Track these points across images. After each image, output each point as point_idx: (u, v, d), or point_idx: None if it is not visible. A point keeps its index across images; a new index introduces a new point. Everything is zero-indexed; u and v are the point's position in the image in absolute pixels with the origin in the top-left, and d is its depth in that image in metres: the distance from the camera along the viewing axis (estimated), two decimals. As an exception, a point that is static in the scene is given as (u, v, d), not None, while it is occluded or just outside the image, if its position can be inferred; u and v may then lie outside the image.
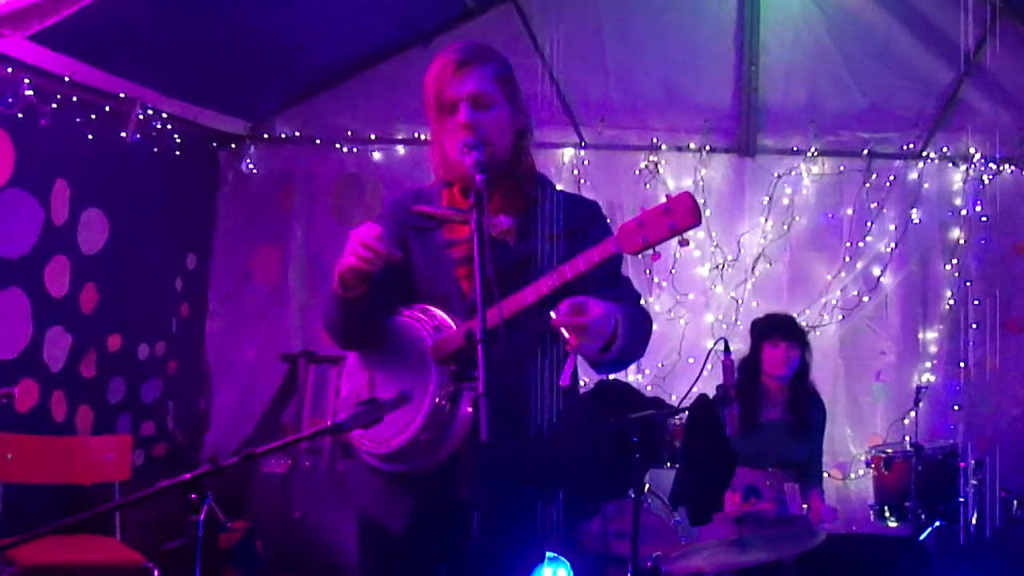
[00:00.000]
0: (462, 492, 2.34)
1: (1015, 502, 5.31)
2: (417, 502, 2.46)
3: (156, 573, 4.41)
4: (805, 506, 4.51)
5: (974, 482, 5.22)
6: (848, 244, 6.11)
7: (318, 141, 6.34)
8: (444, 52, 2.50)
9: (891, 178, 6.10)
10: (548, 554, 4.91)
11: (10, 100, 4.47)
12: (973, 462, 5.38)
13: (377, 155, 6.31)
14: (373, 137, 6.27)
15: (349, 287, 2.39)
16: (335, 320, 2.51)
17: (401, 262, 2.48)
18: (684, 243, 2.26)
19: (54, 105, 4.74)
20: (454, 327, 2.39)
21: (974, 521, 5.09)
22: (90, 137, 5.06)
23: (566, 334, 2.22)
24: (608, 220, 2.66)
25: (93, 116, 5.05)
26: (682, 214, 2.15)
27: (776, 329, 4.79)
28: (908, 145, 6.10)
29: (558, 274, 2.26)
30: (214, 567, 5.39)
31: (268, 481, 5.56)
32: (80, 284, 5.16)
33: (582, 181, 6.18)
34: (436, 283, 2.50)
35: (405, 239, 2.55)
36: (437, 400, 2.33)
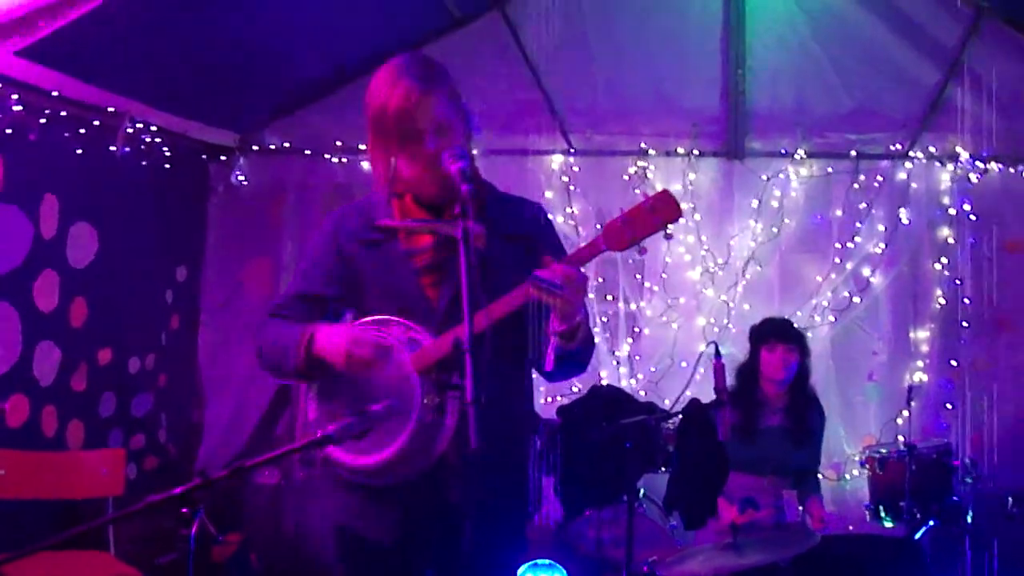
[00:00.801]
0: (451, 497, 2.36)
1: (1010, 499, 5.32)
2: (405, 511, 2.46)
3: (151, 587, 4.39)
4: (800, 508, 4.51)
5: (968, 480, 5.23)
6: (838, 245, 6.13)
7: (308, 152, 6.33)
8: (394, 71, 2.47)
9: (879, 179, 6.12)
10: (543, 561, 4.91)
11: (-1, 116, 4.47)
12: (967, 460, 5.40)
13: (366, 165, 6.30)
14: (362, 147, 6.26)
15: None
16: (290, 368, 2.53)
17: (347, 279, 2.55)
18: (669, 237, 2.34)
19: (43, 120, 4.73)
20: (428, 337, 2.39)
21: (969, 520, 5.10)
22: (79, 151, 5.05)
23: (545, 296, 2.25)
24: (598, 226, 2.69)
25: (82, 130, 5.04)
26: (665, 209, 2.28)
27: (773, 333, 4.79)
28: (895, 145, 6.12)
29: (561, 266, 2.29)
30: (209, 580, 5.39)
31: (261, 493, 5.54)
32: (70, 298, 5.14)
33: (571, 187, 6.19)
34: (398, 295, 2.50)
35: (351, 256, 2.56)
36: (424, 411, 2.33)
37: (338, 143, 6.28)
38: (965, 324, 5.96)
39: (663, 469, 5.17)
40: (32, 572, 4.12)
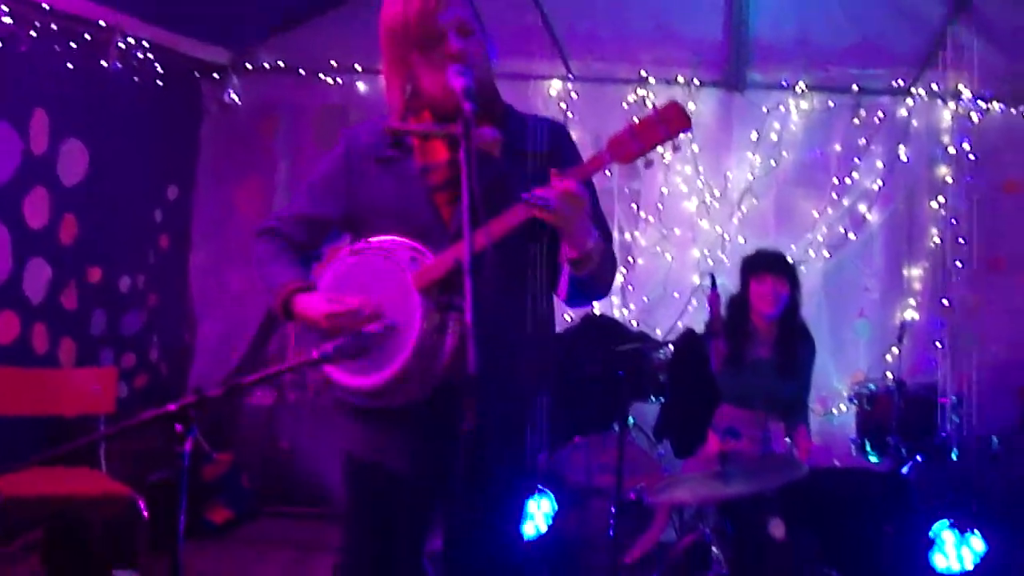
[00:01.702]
0: (458, 423, 2.33)
1: (994, 439, 5.37)
2: (415, 438, 2.43)
3: (141, 505, 4.41)
4: (788, 440, 4.54)
5: (955, 418, 5.27)
6: (835, 180, 6.10)
7: (302, 71, 6.25)
8: None
9: (880, 115, 6.07)
10: (532, 486, 4.95)
11: (-12, 28, 4.39)
12: (954, 398, 5.44)
13: (362, 86, 6.23)
14: (358, 68, 6.18)
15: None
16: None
17: (356, 200, 2.50)
18: (677, 148, 2.31)
19: (33, 33, 4.64)
20: (430, 256, 2.36)
21: (954, 457, 5.14)
22: (70, 66, 4.97)
23: (539, 213, 2.20)
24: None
25: (73, 44, 4.95)
26: (674, 119, 2.22)
27: (764, 265, 4.75)
28: (898, 82, 6.06)
29: (557, 180, 2.23)
30: (200, 499, 5.43)
31: (254, 413, 5.57)
32: (60, 215, 5.10)
33: (569, 114, 6.13)
34: (409, 215, 2.43)
35: (363, 174, 2.50)
36: (424, 332, 2.31)
37: (333, 63, 6.20)
38: (959, 263, 5.95)
39: (653, 399, 5.20)
40: (24, 487, 4.15)
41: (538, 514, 4.81)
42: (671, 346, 5.00)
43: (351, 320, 2.34)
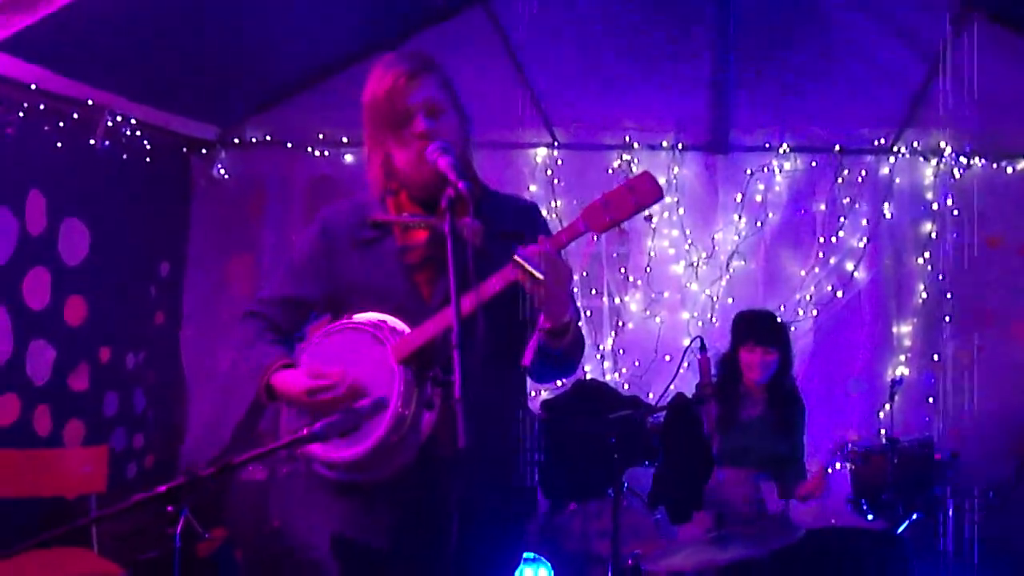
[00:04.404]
0: (442, 496, 2.33)
1: (991, 493, 5.35)
2: (398, 512, 2.43)
3: (134, 584, 4.37)
4: (784, 501, 4.52)
5: (950, 474, 5.26)
6: (821, 240, 6.15)
7: (289, 145, 6.30)
8: (387, 63, 2.49)
9: (863, 173, 6.13)
10: (528, 555, 4.91)
11: (-24, 111, 4.43)
12: (949, 454, 5.43)
13: (349, 158, 6.28)
14: (345, 140, 6.24)
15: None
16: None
17: (335, 281, 2.54)
18: (648, 218, 2.35)
19: (21, 114, 4.69)
20: (409, 331, 2.38)
21: (951, 513, 5.12)
22: (59, 145, 5.01)
23: (532, 273, 2.23)
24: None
25: (61, 124, 5.00)
26: (645, 191, 2.26)
27: (752, 334, 4.77)
28: (879, 140, 6.14)
29: (546, 245, 2.27)
30: (193, 576, 5.36)
31: (246, 489, 5.52)
32: (64, 296, 5.12)
33: (556, 181, 6.18)
34: (389, 294, 2.47)
35: (342, 256, 2.54)
36: (402, 403, 2.31)
37: (320, 136, 6.26)
38: (947, 318, 5.98)
39: (647, 463, 5.18)
40: (15, 570, 4.10)
41: (535, 583, 4.77)
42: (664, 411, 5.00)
43: (331, 394, 2.35)
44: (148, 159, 5.74)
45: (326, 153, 6.28)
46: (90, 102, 5.10)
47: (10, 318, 4.75)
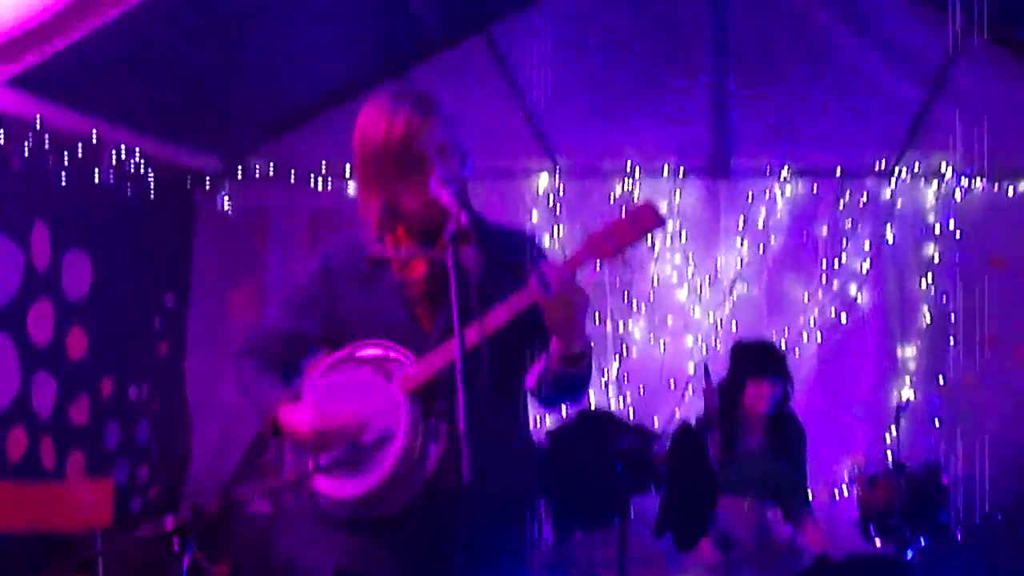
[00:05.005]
0: (447, 531, 2.32)
1: (999, 516, 5.32)
2: (404, 547, 2.43)
3: (140, 618, 4.35)
4: (790, 528, 4.51)
5: (957, 498, 5.23)
6: (824, 264, 6.14)
7: (292, 177, 6.31)
8: (388, 104, 2.45)
9: (864, 197, 6.13)
10: (535, 585, 4.88)
11: (-20, 145, 4.46)
12: (956, 477, 5.40)
13: (352, 189, 6.30)
14: (348, 171, 6.26)
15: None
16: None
17: (334, 317, 2.54)
18: (651, 244, 2.36)
19: (26, 149, 4.71)
20: (414, 361, 2.38)
21: (959, 537, 5.10)
22: (64, 179, 5.03)
23: (542, 294, 2.24)
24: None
25: (66, 158, 5.02)
26: (647, 218, 2.29)
27: (760, 368, 4.78)
28: (880, 163, 6.14)
29: (529, 291, 2.28)
30: (199, 610, 5.34)
31: (251, 523, 5.50)
32: (66, 329, 5.13)
33: (558, 209, 6.20)
34: (389, 328, 2.47)
35: (341, 292, 2.54)
36: (410, 437, 2.31)
37: (323, 167, 6.27)
38: (952, 340, 5.97)
39: (653, 491, 5.16)
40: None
41: (542, 612, 4.75)
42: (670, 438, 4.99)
43: (340, 437, 2.35)
44: (152, 192, 5.76)
45: (329, 185, 6.29)
46: (95, 136, 5.12)
47: (17, 352, 4.76)
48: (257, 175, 6.34)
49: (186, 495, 6.13)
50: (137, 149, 5.51)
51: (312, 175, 6.29)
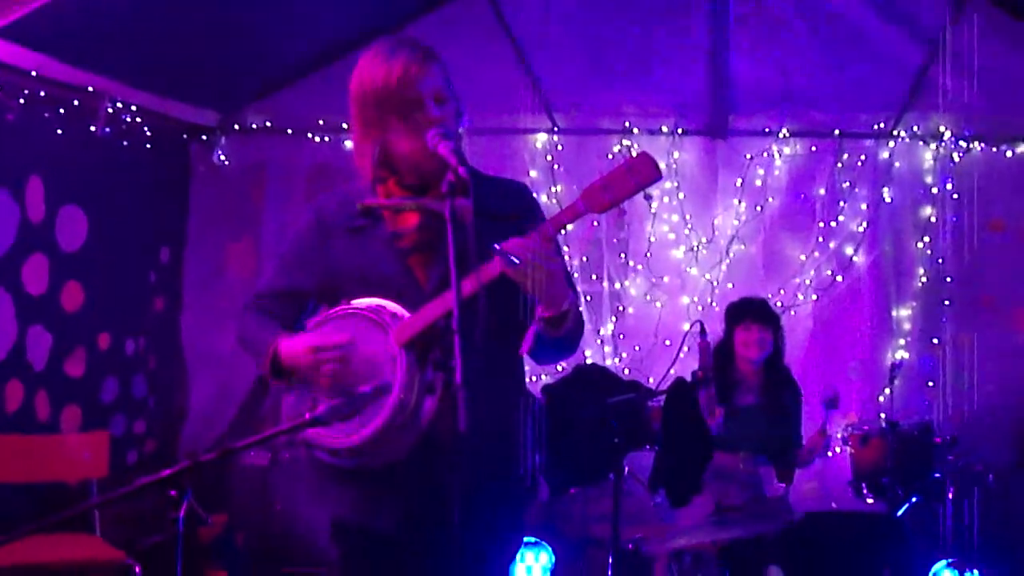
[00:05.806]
0: (444, 480, 2.33)
1: (991, 476, 5.36)
2: (401, 497, 2.44)
3: (137, 570, 4.39)
4: (783, 485, 4.55)
5: (950, 458, 5.27)
6: (821, 224, 6.15)
7: (290, 131, 6.30)
8: (387, 50, 2.45)
9: (862, 158, 6.13)
10: (529, 539, 4.93)
11: (-24, 96, 4.44)
12: (948, 437, 5.44)
13: (349, 144, 6.25)
14: (345, 126, 6.23)
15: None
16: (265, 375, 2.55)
17: (329, 271, 2.54)
18: (648, 197, 2.35)
19: (21, 100, 4.69)
20: (408, 315, 2.38)
21: (950, 496, 5.14)
22: (60, 132, 5.01)
23: (510, 271, 2.23)
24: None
25: (62, 110, 5.00)
26: (644, 171, 2.25)
27: (748, 313, 4.82)
28: (879, 124, 6.13)
29: (532, 237, 2.27)
30: (195, 562, 5.38)
31: (247, 474, 5.54)
32: (61, 282, 5.13)
33: (556, 167, 6.18)
34: (383, 280, 2.47)
35: (335, 245, 2.55)
36: (405, 388, 2.32)
37: (320, 122, 6.25)
38: (947, 302, 5.99)
39: (648, 447, 5.19)
40: (18, 555, 4.13)
41: (536, 567, 4.79)
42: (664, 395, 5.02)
43: (337, 354, 2.35)
44: (148, 145, 5.75)
45: (326, 139, 6.28)
46: (90, 89, 5.10)
47: (13, 305, 4.76)
48: (254, 129, 6.31)
49: (183, 448, 6.16)
50: (133, 103, 5.48)
51: (309, 131, 6.27)
